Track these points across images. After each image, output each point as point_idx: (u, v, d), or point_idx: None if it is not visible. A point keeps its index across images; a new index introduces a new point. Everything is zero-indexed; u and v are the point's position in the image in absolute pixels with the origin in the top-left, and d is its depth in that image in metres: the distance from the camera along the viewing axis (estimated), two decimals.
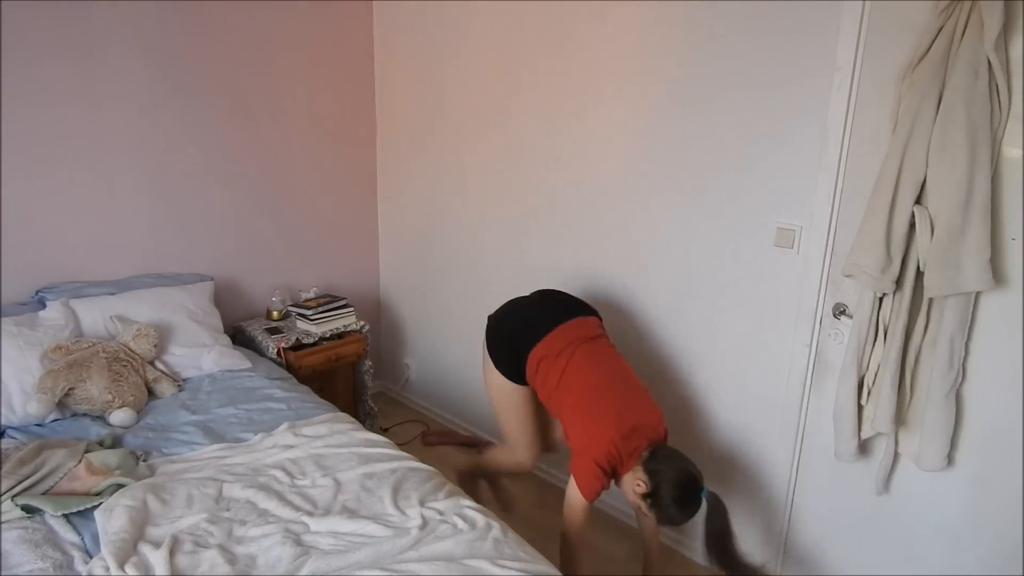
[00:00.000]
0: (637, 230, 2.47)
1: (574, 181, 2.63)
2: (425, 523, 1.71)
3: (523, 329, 2.16)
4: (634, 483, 1.91)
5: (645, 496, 1.89)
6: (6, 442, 2.05)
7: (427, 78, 3.16)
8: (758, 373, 2.24)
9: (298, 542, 1.63)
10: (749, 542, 2.35)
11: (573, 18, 2.51)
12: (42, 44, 2.46)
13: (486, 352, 2.23)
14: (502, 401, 2.24)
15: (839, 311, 2.01)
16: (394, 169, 3.48)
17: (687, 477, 1.87)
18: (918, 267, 1.74)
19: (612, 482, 2.00)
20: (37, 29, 2.44)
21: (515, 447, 2.30)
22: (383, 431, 3.23)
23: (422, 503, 1.79)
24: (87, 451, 1.95)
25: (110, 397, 2.23)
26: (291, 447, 2.06)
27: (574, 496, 1.98)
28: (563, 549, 2.02)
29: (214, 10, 2.85)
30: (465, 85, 2.99)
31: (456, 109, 3.06)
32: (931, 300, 1.75)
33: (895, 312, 1.80)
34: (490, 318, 2.26)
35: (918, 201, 1.71)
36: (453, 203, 3.17)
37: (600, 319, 2.25)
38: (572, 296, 2.30)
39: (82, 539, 1.65)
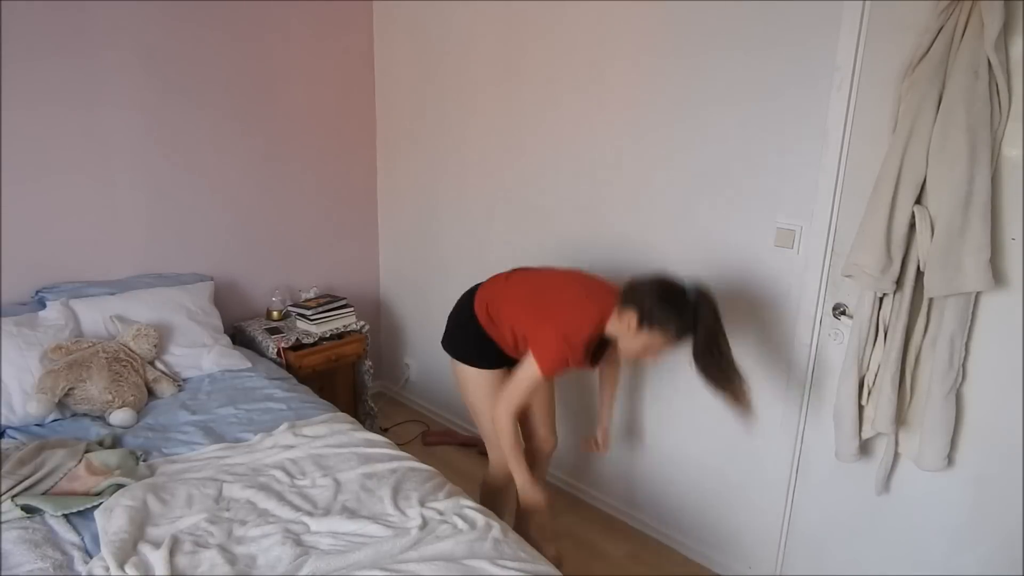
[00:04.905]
0: (637, 229, 2.47)
1: (574, 181, 2.63)
2: (425, 523, 1.71)
3: (463, 300, 2.20)
4: (625, 327, 1.82)
5: (640, 323, 1.78)
6: (6, 442, 2.05)
7: (427, 78, 3.16)
8: (758, 373, 2.23)
9: (298, 542, 1.63)
10: (749, 542, 2.36)
11: (574, 18, 2.51)
12: (42, 44, 2.46)
13: (452, 360, 2.22)
14: (479, 393, 2.17)
15: (839, 311, 2.01)
16: (394, 169, 3.48)
17: (664, 279, 1.82)
18: (918, 267, 1.74)
19: (604, 352, 1.91)
20: (37, 29, 2.44)
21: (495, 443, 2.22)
22: (383, 431, 3.23)
23: (422, 503, 1.79)
24: (87, 451, 1.95)
25: (110, 397, 2.23)
26: (291, 447, 2.06)
27: (524, 374, 1.86)
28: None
29: (214, 10, 2.85)
30: (465, 85, 2.99)
31: (456, 109, 3.06)
32: (931, 300, 1.75)
33: (895, 312, 1.80)
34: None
35: (918, 201, 1.71)
36: (453, 202, 3.17)
37: None
38: None
39: (82, 539, 1.65)
